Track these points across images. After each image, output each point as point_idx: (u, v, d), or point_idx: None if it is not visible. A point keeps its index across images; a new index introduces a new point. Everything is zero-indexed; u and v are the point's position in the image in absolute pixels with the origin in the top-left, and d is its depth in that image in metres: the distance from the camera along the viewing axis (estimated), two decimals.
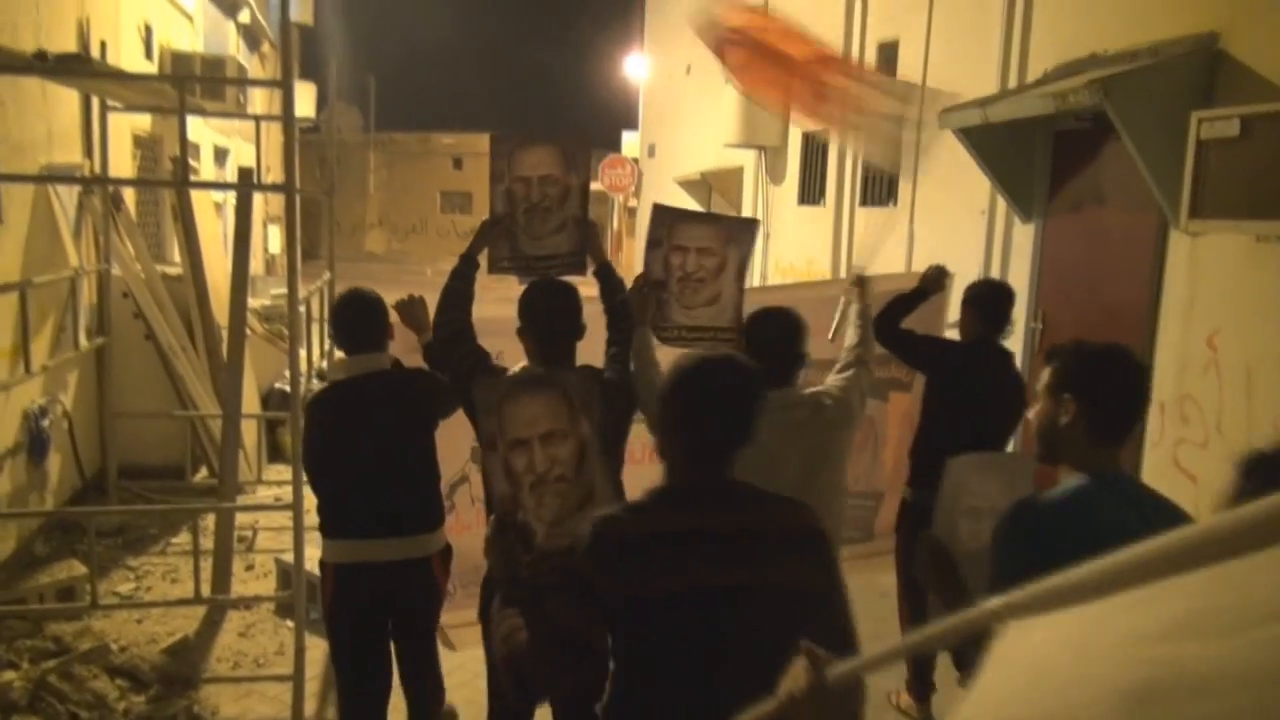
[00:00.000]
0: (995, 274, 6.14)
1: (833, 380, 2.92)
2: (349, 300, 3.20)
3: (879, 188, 8.18)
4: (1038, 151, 5.68)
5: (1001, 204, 6.05)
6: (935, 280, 3.93)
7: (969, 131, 5.60)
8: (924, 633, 1.05)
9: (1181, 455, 4.48)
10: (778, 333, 2.78)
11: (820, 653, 1.22)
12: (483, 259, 3.17)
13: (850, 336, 3.20)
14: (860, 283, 3.45)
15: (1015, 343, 5.12)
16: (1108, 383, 1.84)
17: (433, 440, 3.21)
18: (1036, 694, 0.73)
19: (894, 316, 3.82)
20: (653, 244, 3.26)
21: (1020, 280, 5.92)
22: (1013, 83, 5.92)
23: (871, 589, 4.12)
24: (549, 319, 2.79)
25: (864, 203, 8.45)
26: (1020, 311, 5.88)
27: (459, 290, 3.06)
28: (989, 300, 3.78)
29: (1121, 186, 5.04)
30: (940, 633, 1.04)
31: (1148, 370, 1.93)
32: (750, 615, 1.65)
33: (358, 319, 3.15)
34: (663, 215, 3.32)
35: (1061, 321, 5.62)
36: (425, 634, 3.38)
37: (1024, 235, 5.91)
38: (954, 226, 6.67)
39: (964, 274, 6.35)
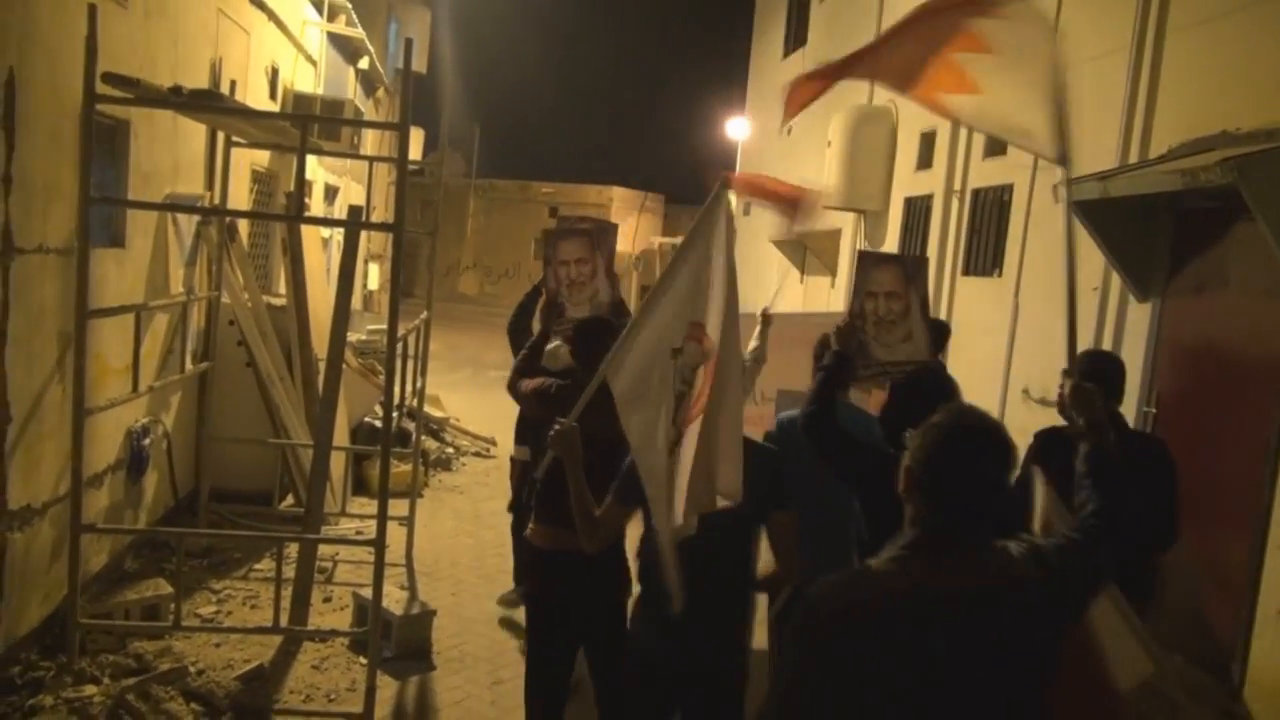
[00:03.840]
0: None
1: None
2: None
3: (983, 256, 7.98)
4: (1159, 229, 5.45)
5: (1116, 281, 5.81)
6: (844, 337, 3.42)
7: (1085, 205, 5.40)
8: None
9: None
10: None
11: None
12: None
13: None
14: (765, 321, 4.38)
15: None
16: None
17: None
18: None
19: (824, 409, 3.08)
20: (856, 290, 3.70)
21: (1134, 361, 5.65)
22: (1133, 157, 5.71)
23: None
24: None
25: (967, 272, 8.25)
26: (1133, 394, 5.61)
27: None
28: None
29: (1251, 270, 4.77)
30: None
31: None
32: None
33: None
34: (863, 260, 3.78)
35: (1178, 405, 5.33)
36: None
37: (1139, 315, 5.65)
38: (1064, 301, 6.42)
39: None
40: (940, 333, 4.39)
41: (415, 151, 16.59)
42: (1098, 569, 1.91)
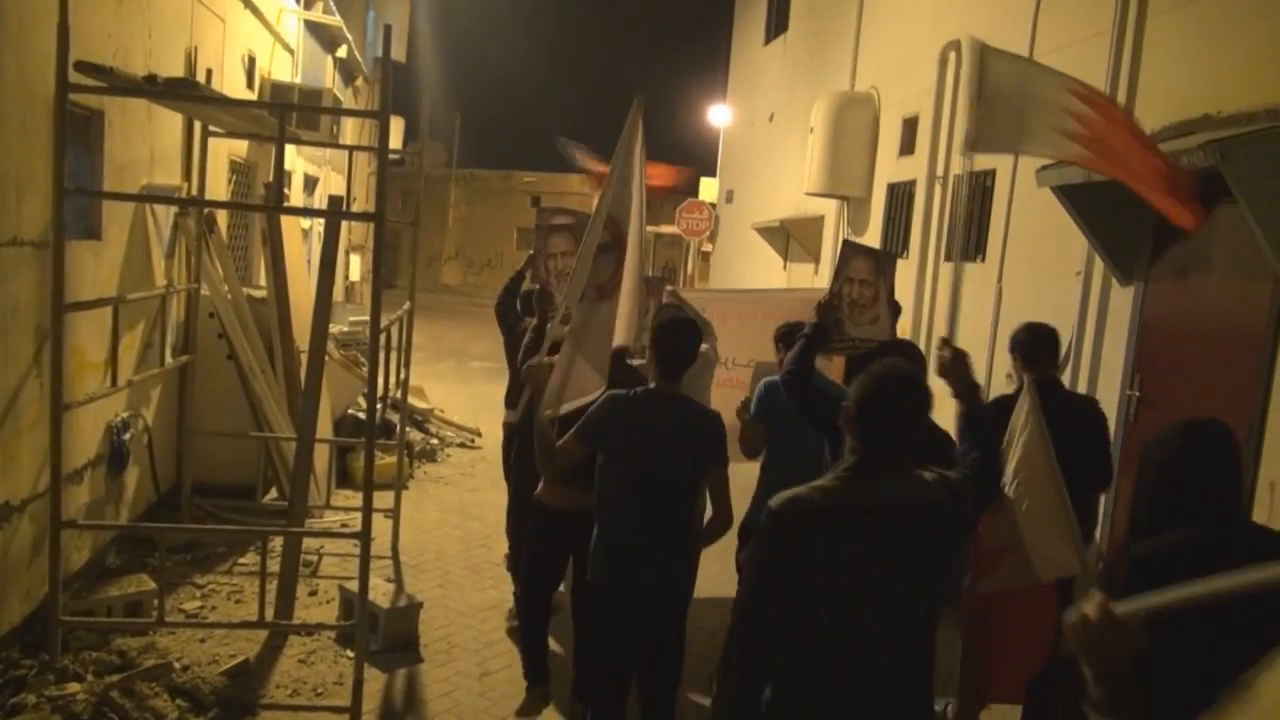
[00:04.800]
0: (1090, 337, 5.91)
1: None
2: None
3: (966, 243, 7.99)
4: (1141, 213, 5.46)
5: (1099, 265, 5.83)
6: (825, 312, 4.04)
7: (1068, 190, 5.42)
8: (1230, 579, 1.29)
9: None
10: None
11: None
12: None
13: None
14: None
15: (1110, 408, 4.89)
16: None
17: None
18: None
19: (805, 370, 3.67)
20: (837, 274, 4.40)
21: (1118, 345, 5.69)
22: None
23: None
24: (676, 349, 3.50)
25: (950, 257, 8.26)
26: (1116, 377, 5.65)
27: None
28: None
29: (1233, 253, 4.80)
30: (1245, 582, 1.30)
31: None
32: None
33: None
34: (846, 248, 4.52)
35: (1161, 388, 5.36)
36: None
37: (1123, 298, 5.68)
38: (1047, 286, 6.46)
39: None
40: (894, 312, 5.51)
41: (395, 141, 16.45)
42: (982, 496, 2.60)
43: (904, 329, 8.67)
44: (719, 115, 19.04)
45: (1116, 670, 1.36)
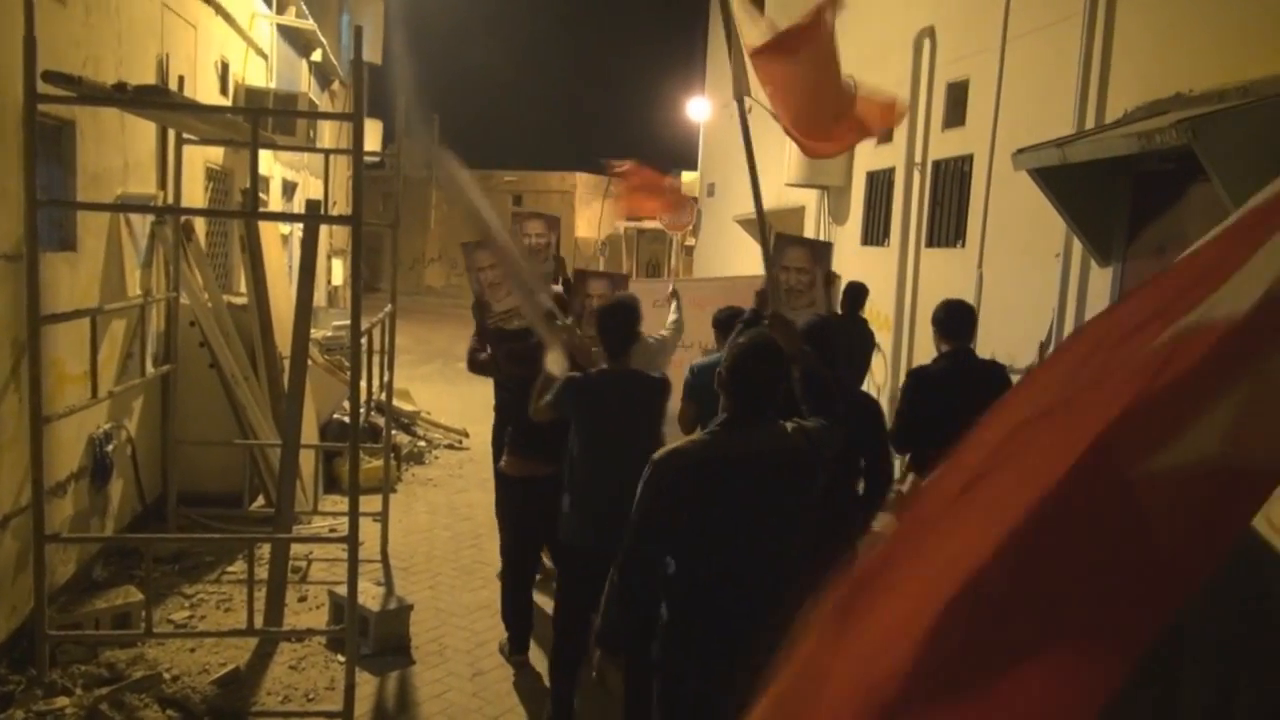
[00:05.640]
0: (1070, 319, 5.95)
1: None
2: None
3: (946, 228, 8.03)
4: (1118, 194, 5.50)
5: (1078, 247, 5.87)
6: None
7: (1045, 172, 5.44)
8: None
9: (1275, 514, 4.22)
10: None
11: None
12: None
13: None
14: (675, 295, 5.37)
15: None
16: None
17: None
18: None
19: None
20: (772, 263, 4.55)
21: None
22: (1090, 122, 5.76)
23: None
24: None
25: (930, 244, 8.29)
26: None
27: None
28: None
29: (1208, 230, 4.83)
30: None
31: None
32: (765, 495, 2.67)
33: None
34: (779, 240, 5.23)
35: None
36: None
37: (1101, 280, 5.71)
38: (1027, 270, 6.49)
39: (1036, 319, 6.17)
40: (859, 294, 6.83)
41: (373, 144, 16.38)
42: (834, 442, 2.92)
43: (886, 318, 8.71)
44: (698, 108, 19.03)
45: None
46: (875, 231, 9.59)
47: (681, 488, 2.61)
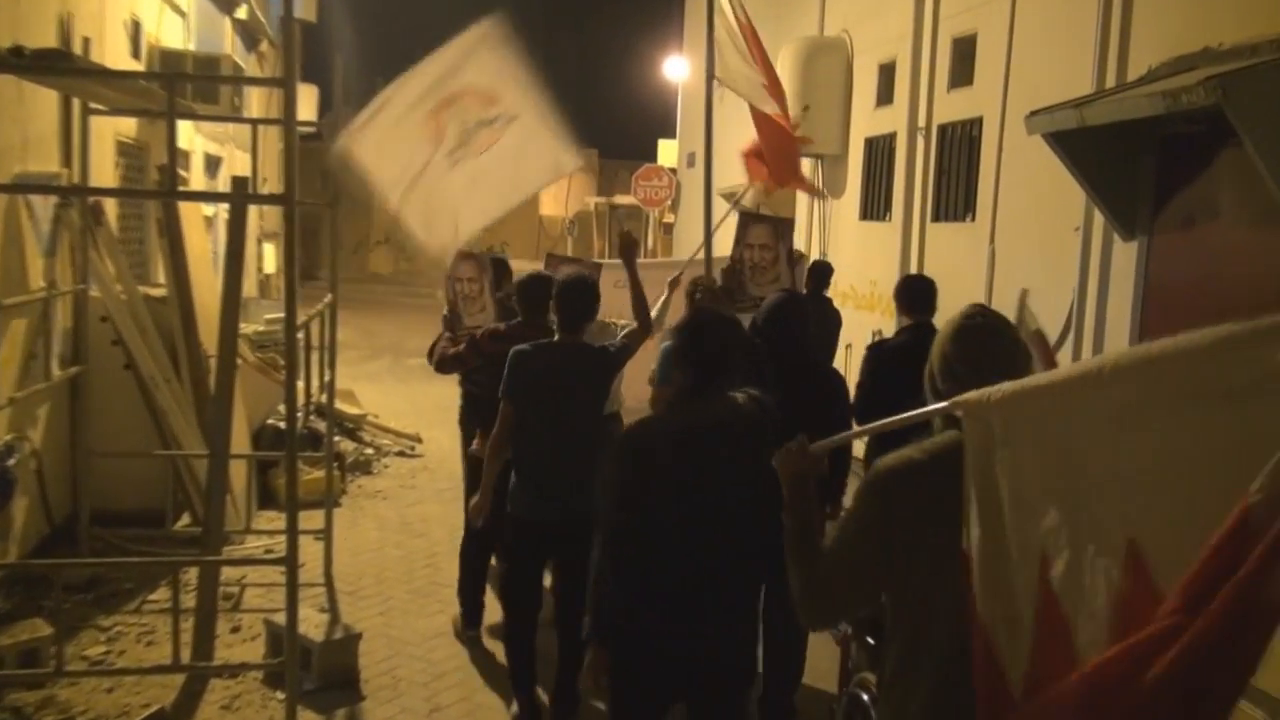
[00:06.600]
0: (1092, 298, 6.03)
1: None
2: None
3: (954, 201, 8.10)
4: (1141, 160, 5.58)
5: (1099, 220, 5.94)
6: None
7: (1062, 136, 5.51)
8: (896, 418, 2.13)
9: None
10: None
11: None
12: None
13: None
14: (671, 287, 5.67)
15: None
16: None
17: None
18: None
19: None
20: (736, 241, 6.06)
21: (1122, 307, 5.80)
22: (1110, 81, 5.83)
23: None
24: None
25: (937, 218, 8.36)
26: (1123, 342, 5.76)
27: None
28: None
29: (1242, 199, 4.91)
30: (909, 418, 2.09)
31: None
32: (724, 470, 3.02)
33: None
34: (741, 217, 6.42)
35: None
36: None
37: (1126, 255, 5.79)
38: (1043, 246, 6.56)
39: (1055, 300, 6.25)
40: (824, 272, 7.90)
41: (309, 112, 16.24)
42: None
43: (888, 302, 8.77)
44: (676, 68, 19.05)
45: (801, 484, 2.33)
46: (875, 205, 9.66)
47: (648, 460, 3.03)
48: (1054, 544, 1.74)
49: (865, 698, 3.45)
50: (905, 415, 2.08)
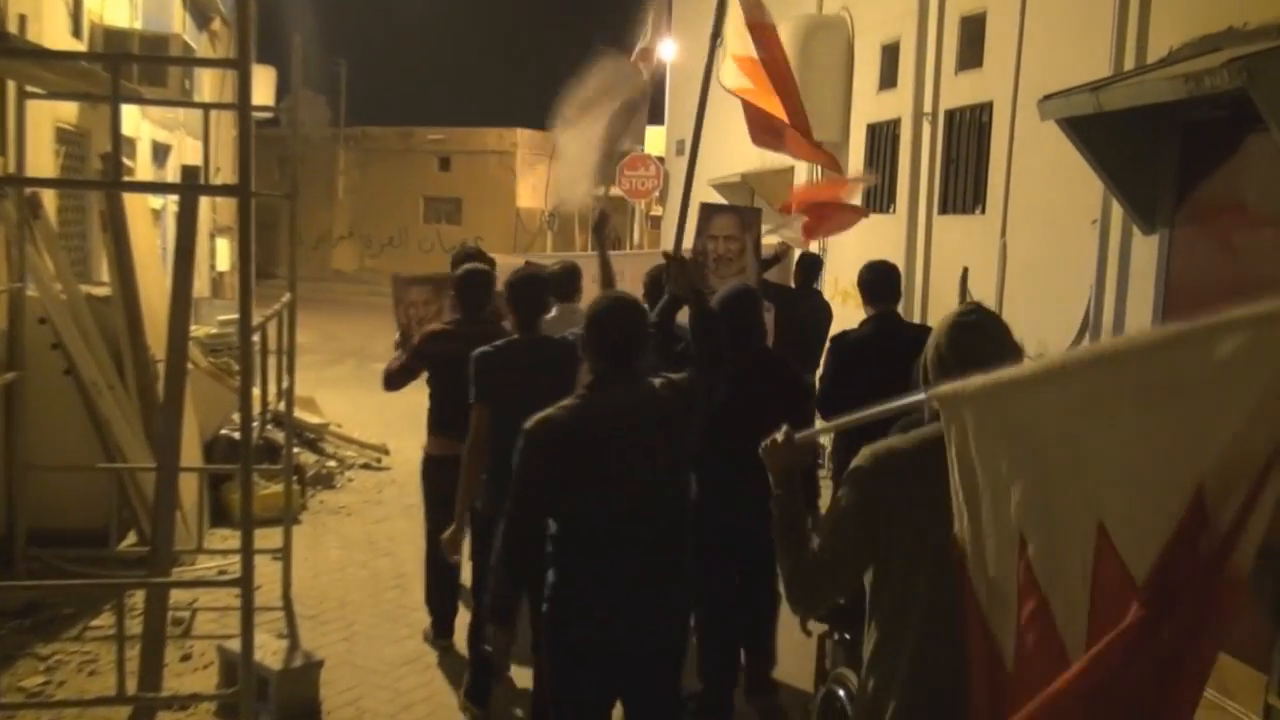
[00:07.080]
0: (1111, 296, 6.06)
1: None
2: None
3: (962, 191, 8.13)
4: (1162, 147, 5.61)
5: (1118, 211, 5.97)
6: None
7: (1077, 123, 5.54)
8: (868, 411, 2.34)
9: None
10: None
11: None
12: None
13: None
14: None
15: None
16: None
17: None
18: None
19: (669, 320, 4.55)
20: (699, 233, 6.23)
21: (1143, 305, 5.83)
22: (1129, 63, 5.87)
23: None
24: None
25: (944, 210, 8.40)
26: None
27: None
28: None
29: (1270, 189, 4.95)
30: (882, 410, 2.30)
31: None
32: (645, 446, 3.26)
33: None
34: (704, 209, 6.58)
35: None
36: None
37: (1146, 249, 5.82)
38: (1058, 239, 6.60)
39: (1071, 296, 6.28)
40: (813, 266, 8.17)
41: (266, 96, 16.24)
42: (709, 389, 3.48)
43: None
44: (663, 48, 19.08)
45: (788, 477, 2.53)
46: (878, 196, 9.69)
47: (556, 452, 3.16)
48: (1029, 527, 1.99)
49: (841, 694, 3.56)
50: (881, 408, 2.30)
